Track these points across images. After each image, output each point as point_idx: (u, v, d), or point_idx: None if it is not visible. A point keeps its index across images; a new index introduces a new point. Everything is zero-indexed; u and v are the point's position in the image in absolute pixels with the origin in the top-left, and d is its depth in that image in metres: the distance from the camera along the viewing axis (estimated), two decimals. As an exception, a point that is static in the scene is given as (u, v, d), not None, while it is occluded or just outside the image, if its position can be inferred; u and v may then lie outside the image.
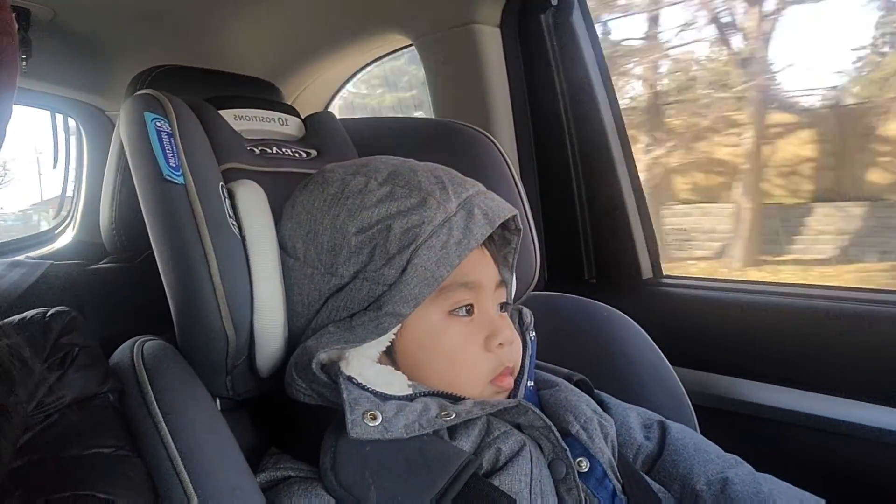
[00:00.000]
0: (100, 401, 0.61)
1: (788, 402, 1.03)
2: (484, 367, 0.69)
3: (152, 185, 0.67)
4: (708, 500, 0.70)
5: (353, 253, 0.66)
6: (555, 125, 1.31)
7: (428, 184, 0.68)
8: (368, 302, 0.66)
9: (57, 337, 0.61)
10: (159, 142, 0.67)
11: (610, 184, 1.29)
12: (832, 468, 0.98)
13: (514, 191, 0.95)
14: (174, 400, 0.62)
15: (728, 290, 1.18)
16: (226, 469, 0.59)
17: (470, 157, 0.94)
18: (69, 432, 0.56)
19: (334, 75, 1.73)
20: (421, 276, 0.64)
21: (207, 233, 0.65)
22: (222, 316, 0.65)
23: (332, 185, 0.71)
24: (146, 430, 0.60)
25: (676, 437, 0.78)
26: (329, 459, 0.61)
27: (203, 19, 1.45)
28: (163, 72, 1.08)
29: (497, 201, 0.72)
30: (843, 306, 1.02)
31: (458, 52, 1.31)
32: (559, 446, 0.65)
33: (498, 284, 0.73)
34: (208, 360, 0.68)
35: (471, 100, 1.32)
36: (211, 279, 0.65)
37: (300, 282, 0.69)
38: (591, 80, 1.27)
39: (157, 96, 0.72)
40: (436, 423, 0.61)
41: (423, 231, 0.65)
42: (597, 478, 0.67)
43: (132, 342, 0.68)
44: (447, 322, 0.69)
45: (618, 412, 0.80)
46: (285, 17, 1.44)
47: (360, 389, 0.62)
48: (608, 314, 0.98)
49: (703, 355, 1.12)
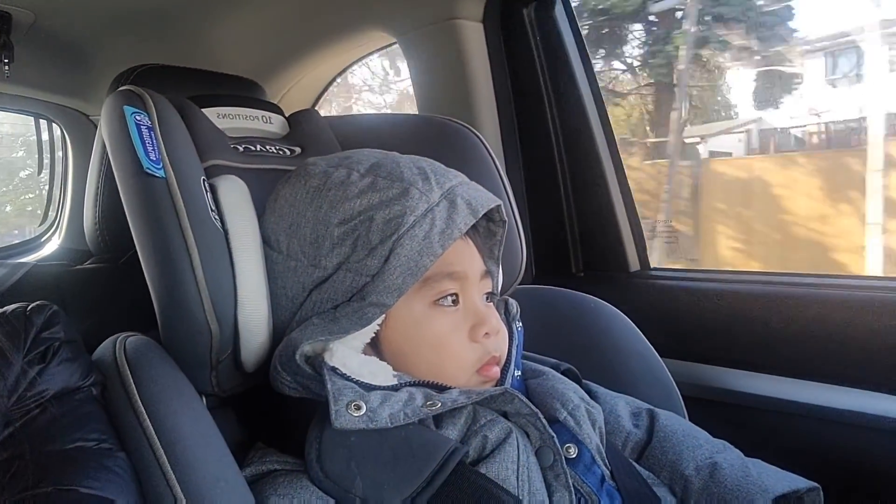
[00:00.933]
0: (82, 394, 0.61)
1: (777, 390, 1.03)
2: (470, 357, 0.69)
3: (133, 179, 0.66)
4: (697, 485, 0.70)
5: (335, 244, 0.66)
6: (539, 119, 1.31)
7: (410, 174, 0.68)
8: (352, 293, 0.66)
9: (38, 331, 0.61)
10: (139, 135, 0.67)
11: (596, 177, 1.29)
12: (822, 456, 0.98)
13: (500, 185, 0.95)
14: (156, 392, 0.61)
15: (715, 280, 1.18)
16: (210, 461, 0.59)
17: (455, 152, 0.94)
18: (51, 426, 0.56)
19: (319, 74, 1.73)
20: (404, 266, 0.64)
21: (189, 226, 0.65)
22: (205, 309, 0.65)
23: (314, 178, 0.70)
24: (128, 423, 0.59)
25: (665, 424, 0.78)
26: (314, 451, 0.61)
27: (186, 20, 1.44)
28: (145, 71, 1.07)
29: (480, 192, 0.72)
30: (829, 293, 1.02)
31: (442, 48, 1.32)
32: (546, 433, 0.65)
33: (483, 275, 0.73)
34: (192, 355, 0.67)
35: (455, 95, 1.32)
36: (193, 272, 0.65)
37: (283, 275, 0.69)
38: (574, 74, 1.28)
39: (137, 91, 0.71)
40: (421, 413, 0.61)
41: (406, 221, 0.65)
42: (585, 464, 0.67)
43: (114, 338, 0.67)
44: (432, 312, 0.68)
45: (606, 400, 0.80)
46: (268, 17, 1.44)
47: (344, 380, 0.62)
48: (595, 306, 0.98)
49: (691, 346, 1.12)
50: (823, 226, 5.16)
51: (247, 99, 0.96)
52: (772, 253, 5.38)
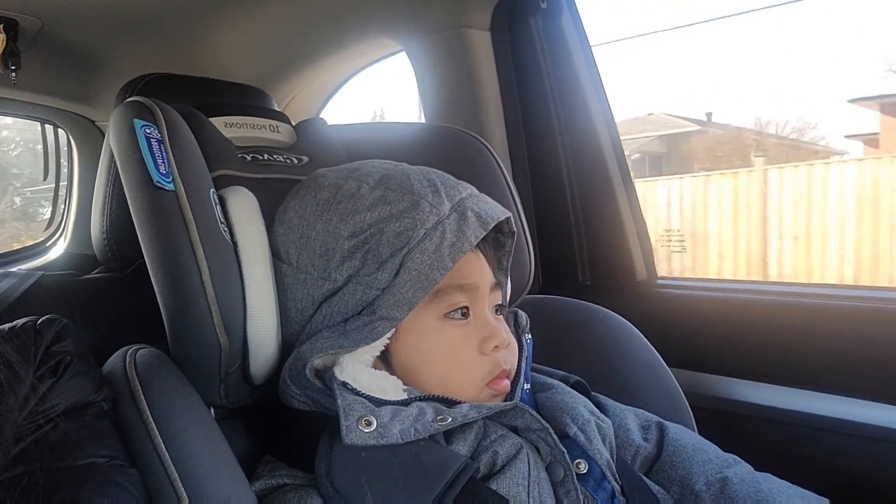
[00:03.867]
0: (94, 409, 0.60)
1: (786, 401, 1.03)
2: (480, 371, 0.69)
3: (142, 192, 0.66)
4: (707, 500, 0.70)
5: (345, 257, 0.66)
6: (546, 128, 1.31)
7: (420, 187, 0.68)
8: (362, 306, 0.66)
9: (48, 345, 0.60)
10: (149, 148, 0.66)
11: (603, 186, 1.29)
12: (831, 468, 0.98)
13: (508, 194, 0.95)
14: (167, 407, 0.61)
15: (723, 290, 1.18)
16: (220, 477, 0.58)
17: (462, 161, 0.94)
18: (62, 442, 0.55)
19: (325, 82, 1.72)
20: (414, 280, 0.64)
21: (199, 239, 0.65)
22: (214, 322, 0.65)
23: (324, 190, 0.70)
24: (139, 439, 0.59)
25: (675, 438, 0.77)
26: (324, 466, 0.60)
27: (193, 28, 1.44)
28: (152, 80, 1.07)
29: (490, 203, 0.71)
30: (838, 304, 1.02)
31: (449, 56, 1.31)
32: (557, 448, 0.64)
33: (493, 287, 0.73)
34: (201, 368, 0.67)
35: (462, 104, 1.32)
36: (203, 285, 0.64)
37: (293, 287, 0.69)
38: (581, 82, 1.27)
39: (147, 103, 0.71)
40: (432, 428, 0.60)
41: (416, 234, 0.64)
42: (595, 479, 0.67)
43: (124, 351, 0.67)
44: (442, 325, 0.68)
45: (615, 414, 0.79)
46: (274, 25, 1.44)
47: (355, 395, 0.62)
48: (604, 316, 0.98)
49: (699, 356, 1.12)
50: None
51: (254, 108, 0.96)
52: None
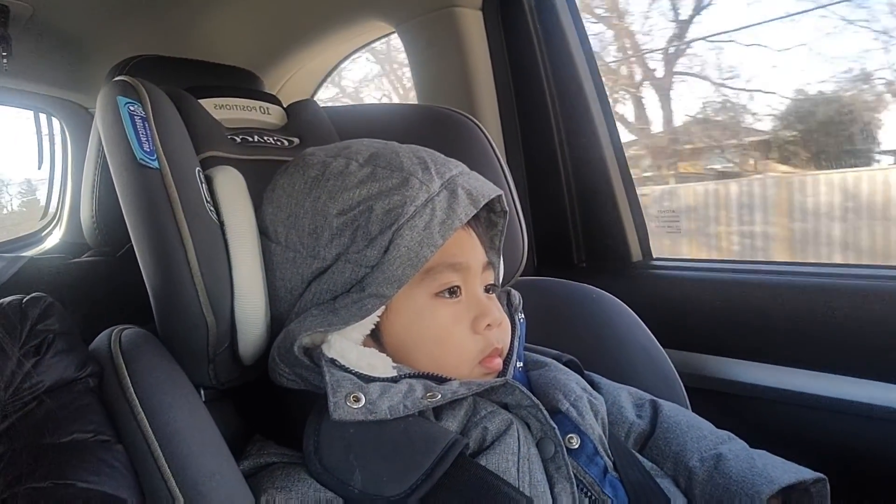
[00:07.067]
0: (79, 386, 0.60)
1: (780, 380, 1.03)
2: (472, 349, 0.68)
3: (127, 170, 0.65)
4: (702, 476, 0.70)
5: (334, 235, 0.65)
6: (540, 108, 1.30)
7: (410, 164, 0.67)
8: (351, 284, 0.65)
9: (34, 323, 0.60)
10: (132, 126, 0.66)
11: (597, 167, 1.28)
12: (825, 446, 0.97)
13: (501, 174, 0.94)
14: (151, 384, 0.60)
15: (717, 270, 1.17)
16: (205, 454, 0.58)
17: (455, 142, 0.94)
18: (47, 419, 0.55)
19: (318, 65, 1.72)
20: (404, 257, 0.63)
21: (184, 217, 0.64)
22: (201, 302, 0.64)
23: (313, 168, 0.70)
24: (123, 416, 0.59)
25: (668, 415, 0.77)
26: (312, 443, 0.60)
27: (184, 11, 1.43)
28: (141, 61, 1.07)
29: (481, 181, 0.71)
30: (832, 282, 1.01)
31: (441, 36, 1.30)
32: (547, 424, 0.64)
33: (485, 266, 0.72)
34: (189, 349, 0.66)
35: (455, 84, 1.31)
36: (188, 264, 0.64)
37: (282, 266, 0.68)
38: (574, 61, 1.26)
39: (131, 81, 0.70)
40: (421, 404, 0.60)
41: (406, 211, 0.64)
42: (587, 455, 0.66)
43: (110, 331, 0.67)
44: (434, 304, 0.68)
45: (609, 391, 0.79)
46: (266, 8, 1.43)
47: (343, 371, 0.61)
48: (598, 297, 0.98)
49: (693, 336, 1.12)
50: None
51: (244, 89, 0.95)
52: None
